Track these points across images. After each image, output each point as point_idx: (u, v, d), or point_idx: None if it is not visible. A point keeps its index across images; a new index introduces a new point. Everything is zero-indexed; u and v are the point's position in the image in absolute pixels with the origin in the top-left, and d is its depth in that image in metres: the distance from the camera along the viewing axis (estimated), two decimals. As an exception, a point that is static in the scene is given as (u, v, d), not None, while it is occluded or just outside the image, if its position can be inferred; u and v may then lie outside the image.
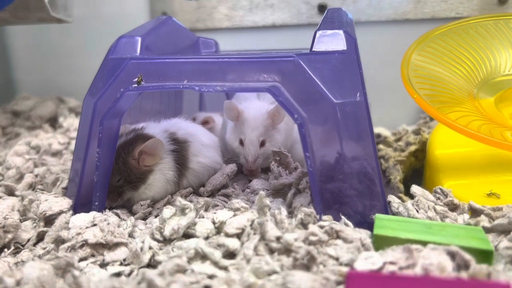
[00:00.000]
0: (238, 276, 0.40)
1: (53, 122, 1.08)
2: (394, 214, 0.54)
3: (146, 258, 0.45)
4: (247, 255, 0.44)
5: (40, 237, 0.54)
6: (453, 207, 0.55)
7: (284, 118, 0.67)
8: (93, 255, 0.47)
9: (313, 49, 0.55)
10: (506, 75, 0.72)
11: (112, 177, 0.56)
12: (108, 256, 0.46)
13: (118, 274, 0.44)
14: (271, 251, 0.45)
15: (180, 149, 0.60)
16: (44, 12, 0.86)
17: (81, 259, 0.46)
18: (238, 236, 0.47)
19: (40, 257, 0.48)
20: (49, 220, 0.56)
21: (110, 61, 0.60)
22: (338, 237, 0.46)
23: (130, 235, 0.50)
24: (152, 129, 0.61)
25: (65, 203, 0.57)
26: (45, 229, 0.54)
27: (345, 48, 0.55)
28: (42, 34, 1.20)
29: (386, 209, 0.53)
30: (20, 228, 0.54)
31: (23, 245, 0.54)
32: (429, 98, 0.68)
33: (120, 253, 0.47)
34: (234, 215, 0.49)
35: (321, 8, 1.01)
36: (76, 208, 0.57)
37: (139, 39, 0.62)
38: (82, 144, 0.58)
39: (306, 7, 1.02)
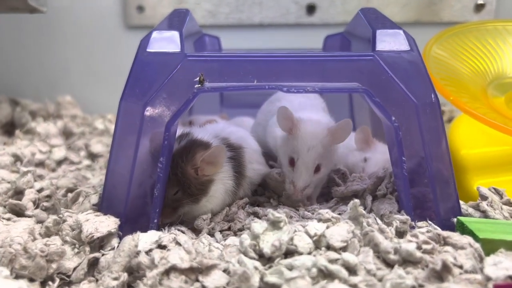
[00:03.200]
0: (378, 294, 0.37)
1: (9, 128, 0.94)
2: (464, 216, 0.53)
3: (256, 281, 0.39)
4: (371, 270, 0.40)
5: (90, 265, 0.45)
6: (511, 206, 0.56)
7: (347, 137, 0.57)
8: (186, 282, 0.40)
9: (377, 49, 0.53)
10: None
11: (168, 190, 0.49)
12: (207, 281, 0.40)
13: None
14: (387, 264, 0.42)
15: (236, 156, 0.54)
16: (20, 0, 0.74)
17: (175, 289, 0.39)
18: (344, 249, 0.43)
19: (119, 290, 0.40)
20: (91, 244, 0.47)
21: (150, 56, 0.53)
22: (445, 243, 0.44)
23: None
24: (201, 134, 0.54)
25: (112, 222, 0.48)
26: (95, 254, 0.46)
27: (408, 47, 0.54)
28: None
29: (460, 211, 0.52)
30: (64, 255, 0.45)
31: (68, 276, 0.45)
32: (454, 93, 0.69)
33: (218, 277, 0.40)
34: (327, 227, 0.45)
35: (310, 8, 1.00)
36: (121, 228, 0.49)
37: (178, 33, 0.55)
38: (124, 154, 0.50)
39: (295, 6, 1.00)
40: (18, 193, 0.60)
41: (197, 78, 0.49)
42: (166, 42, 0.54)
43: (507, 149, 0.70)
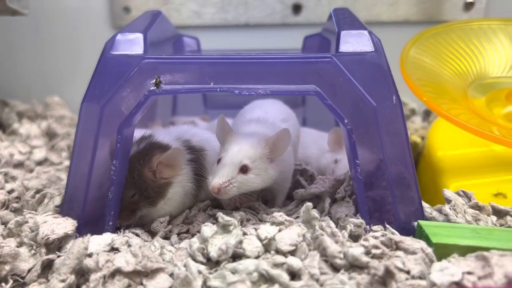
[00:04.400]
0: (316, 300, 0.36)
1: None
2: (427, 219, 0.53)
3: (198, 285, 0.39)
4: (315, 275, 0.40)
5: (44, 267, 0.46)
6: (478, 210, 0.55)
7: (286, 146, 0.54)
8: (129, 286, 0.40)
9: (340, 50, 0.52)
10: (495, 77, 0.75)
11: (125, 192, 0.50)
12: (150, 285, 0.40)
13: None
14: (334, 268, 0.42)
15: (197, 158, 0.54)
16: (0, 3, 0.75)
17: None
18: (292, 253, 0.43)
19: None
20: (51, 246, 0.48)
21: (112, 59, 0.53)
22: (397, 248, 0.44)
23: (162, 259, 0.44)
24: (162, 136, 0.55)
25: (69, 224, 0.49)
26: (50, 256, 0.46)
27: (373, 49, 0.53)
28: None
29: (423, 214, 0.52)
30: (18, 257, 0.46)
31: (22, 277, 0.45)
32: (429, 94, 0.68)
33: (162, 280, 0.40)
34: (280, 230, 0.45)
35: (296, 8, 0.99)
36: (80, 230, 0.50)
37: (141, 36, 0.55)
38: (84, 156, 0.51)
39: (281, 6, 0.99)
40: (-10, 194, 0.61)
41: (153, 81, 0.49)
42: (129, 44, 0.54)
43: (484, 150, 0.69)
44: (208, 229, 0.43)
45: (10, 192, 0.61)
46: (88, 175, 0.50)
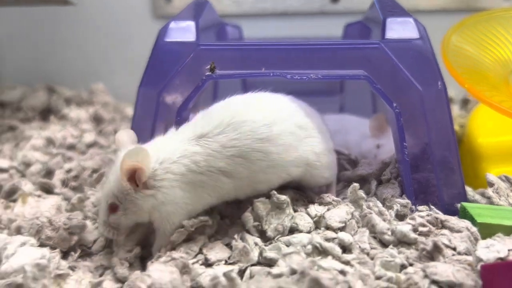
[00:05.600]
0: (368, 271, 0.39)
1: (46, 113, 1.00)
2: (470, 202, 0.54)
3: (255, 255, 0.42)
4: (365, 249, 0.42)
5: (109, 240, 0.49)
6: (522, 193, 0.56)
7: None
8: (187, 253, 0.43)
9: (386, 37, 0.54)
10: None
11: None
12: (210, 255, 0.43)
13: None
14: (382, 244, 0.44)
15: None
16: (54, -7, 0.79)
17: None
18: (341, 229, 0.45)
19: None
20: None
21: (167, 46, 0.56)
22: (443, 226, 0.46)
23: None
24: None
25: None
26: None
27: (418, 36, 0.54)
28: (21, 18, 1.10)
29: (465, 197, 0.53)
30: (85, 229, 0.49)
31: (89, 247, 0.49)
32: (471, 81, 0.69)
33: (221, 251, 0.44)
34: (328, 209, 0.48)
35: (334, -4, 1.00)
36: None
37: (193, 24, 0.58)
38: (141, 138, 0.54)
39: (319, -5, 1.00)
40: (49, 173, 0.65)
41: (208, 66, 0.52)
42: (182, 32, 0.57)
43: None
44: (261, 206, 0.46)
45: (68, 171, 0.65)
46: (146, 155, 0.53)
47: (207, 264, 0.42)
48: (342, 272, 0.38)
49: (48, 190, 0.60)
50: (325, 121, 0.56)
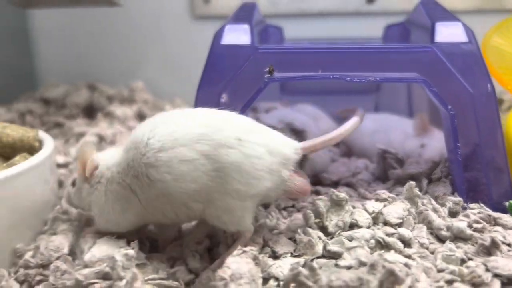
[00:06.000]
0: (430, 264, 0.41)
1: (89, 111, 1.04)
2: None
3: (319, 248, 0.45)
4: (424, 244, 0.45)
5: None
6: None
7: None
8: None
9: (436, 41, 0.56)
10: None
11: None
12: (277, 247, 0.46)
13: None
14: (439, 240, 0.46)
15: (299, 139, 0.59)
16: (104, -5, 0.82)
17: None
18: (399, 225, 0.48)
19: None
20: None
21: (224, 49, 0.59)
22: (496, 224, 0.48)
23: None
24: (268, 119, 0.60)
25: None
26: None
27: (467, 39, 0.56)
28: (64, 17, 1.14)
29: (512, 196, 0.55)
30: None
31: (156, 239, 0.52)
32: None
33: (286, 244, 0.46)
34: (385, 206, 0.50)
35: (370, -3, 1.02)
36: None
37: (248, 27, 0.60)
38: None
39: (354, -5, 1.02)
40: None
41: (267, 69, 0.54)
42: (238, 35, 0.60)
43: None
44: (322, 203, 0.49)
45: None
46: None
47: (275, 256, 0.45)
48: (406, 265, 0.40)
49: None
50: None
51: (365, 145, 0.76)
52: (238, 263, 0.39)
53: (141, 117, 0.95)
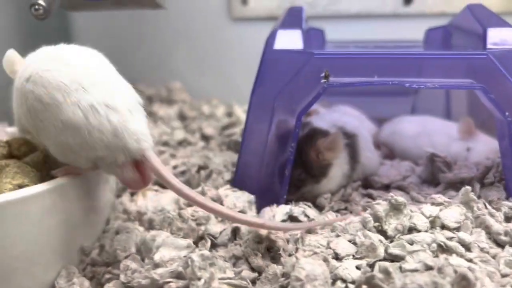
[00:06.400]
0: (493, 269, 0.42)
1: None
2: None
3: (381, 251, 0.46)
4: (484, 248, 0.46)
5: (232, 231, 0.54)
6: None
7: None
8: (318, 247, 0.48)
9: (488, 47, 0.57)
10: None
11: (294, 171, 0.57)
12: (338, 248, 0.47)
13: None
14: (498, 244, 0.47)
15: (351, 143, 0.61)
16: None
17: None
18: (457, 230, 0.49)
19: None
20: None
21: (277, 53, 0.60)
22: (553, 228, 0.48)
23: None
24: (320, 122, 0.62)
25: (246, 197, 0.57)
26: (235, 225, 0.54)
27: (518, 45, 0.57)
28: (104, 18, 1.16)
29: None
30: (210, 220, 0.54)
31: (215, 238, 0.54)
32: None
33: (346, 246, 0.48)
34: (441, 210, 0.51)
35: (407, -1, 1.03)
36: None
37: (300, 32, 0.62)
38: (255, 139, 0.59)
39: (392, -3, 1.03)
40: (156, 168, 0.71)
41: (323, 74, 0.55)
42: (290, 40, 0.61)
43: None
44: (381, 208, 0.50)
45: (174, 167, 0.70)
46: (261, 156, 0.58)
47: (337, 258, 0.46)
48: (470, 269, 0.41)
49: (161, 184, 0.66)
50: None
51: (408, 147, 0.77)
52: (311, 264, 0.40)
53: (182, 117, 0.97)
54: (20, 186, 0.46)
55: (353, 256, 0.47)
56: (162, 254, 0.46)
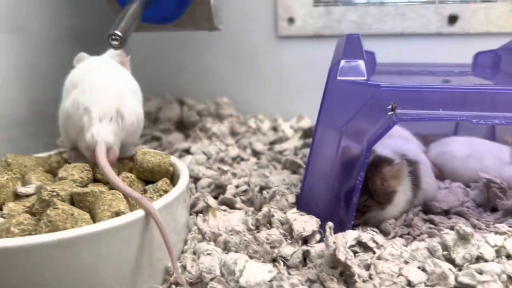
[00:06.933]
0: None
1: (179, 125, 1.10)
2: None
3: (452, 280, 0.49)
4: (552, 279, 0.48)
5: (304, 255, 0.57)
6: None
7: None
8: (391, 276, 0.51)
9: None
10: None
11: (360, 197, 0.60)
12: (410, 275, 0.50)
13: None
14: None
15: (413, 170, 0.64)
16: (208, 23, 0.88)
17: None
18: (522, 259, 0.52)
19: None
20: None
21: (342, 84, 0.63)
22: None
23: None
24: (382, 150, 0.65)
25: (314, 222, 0.60)
26: (305, 247, 0.57)
27: None
28: (161, 36, 1.20)
29: None
30: (282, 243, 0.58)
31: (286, 260, 0.57)
32: None
33: (417, 273, 0.51)
34: (505, 239, 0.54)
35: (452, 19, 1.05)
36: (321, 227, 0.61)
37: (363, 62, 0.65)
38: (321, 164, 0.62)
39: (437, 17, 1.05)
40: (219, 187, 0.75)
41: (390, 106, 0.58)
42: (354, 70, 0.64)
43: None
44: (449, 237, 0.53)
45: (236, 186, 0.74)
46: (327, 181, 0.61)
47: (410, 285, 0.50)
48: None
49: (228, 204, 0.70)
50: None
51: (458, 169, 0.79)
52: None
53: (233, 133, 1.01)
54: (117, 213, 0.51)
55: (425, 283, 0.50)
56: (247, 278, 0.50)
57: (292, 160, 0.80)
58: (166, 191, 0.59)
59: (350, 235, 0.57)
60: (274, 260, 0.57)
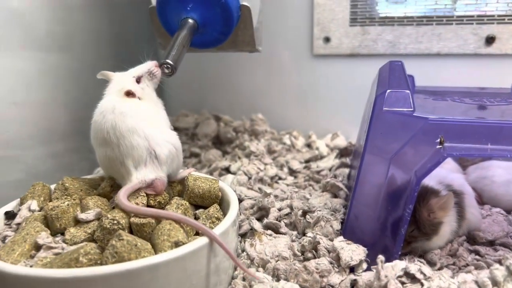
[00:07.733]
0: None
1: (215, 141, 1.12)
2: None
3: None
4: None
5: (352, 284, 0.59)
6: None
7: None
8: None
9: None
10: None
11: (407, 228, 0.61)
12: (460, 312, 0.51)
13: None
14: None
15: (459, 201, 0.65)
16: (250, 46, 0.90)
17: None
18: None
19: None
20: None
21: (389, 115, 0.64)
22: None
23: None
24: (428, 180, 0.66)
25: (361, 251, 0.62)
26: (353, 276, 0.59)
27: None
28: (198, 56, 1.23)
29: None
30: (331, 272, 0.59)
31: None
32: None
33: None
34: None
35: (489, 40, 1.05)
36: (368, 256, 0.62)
37: (409, 93, 0.66)
38: (371, 192, 0.63)
39: (474, 38, 1.05)
40: (261, 209, 0.77)
41: (438, 140, 0.60)
42: (400, 101, 0.65)
43: None
44: (499, 273, 0.54)
45: (279, 209, 0.76)
46: (374, 209, 0.62)
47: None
48: None
49: (273, 229, 0.71)
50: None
51: (498, 194, 0.80)
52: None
53: (270, 151, 1.03)
54: (176, 243, 0.53)
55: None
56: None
57: (333, 183, 0.82)
58: (218, 218, 0.61)
59: (398, 266, 0.58)
60: (323, 288, 0.59)
